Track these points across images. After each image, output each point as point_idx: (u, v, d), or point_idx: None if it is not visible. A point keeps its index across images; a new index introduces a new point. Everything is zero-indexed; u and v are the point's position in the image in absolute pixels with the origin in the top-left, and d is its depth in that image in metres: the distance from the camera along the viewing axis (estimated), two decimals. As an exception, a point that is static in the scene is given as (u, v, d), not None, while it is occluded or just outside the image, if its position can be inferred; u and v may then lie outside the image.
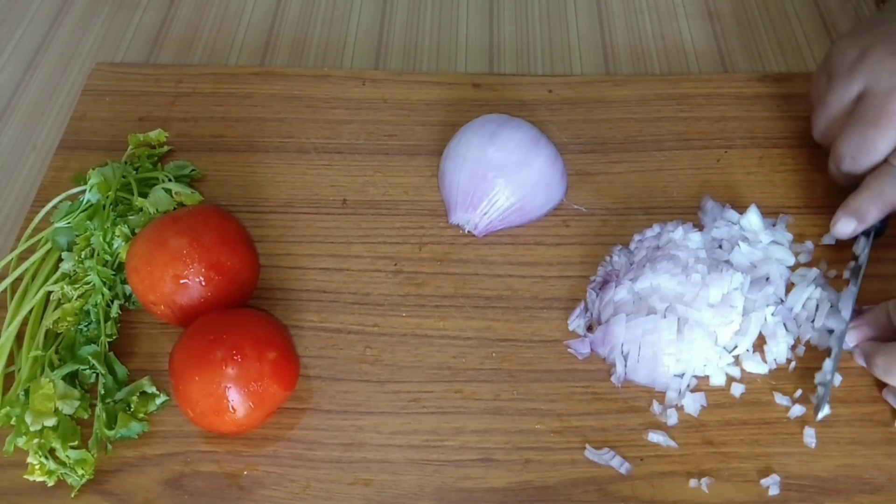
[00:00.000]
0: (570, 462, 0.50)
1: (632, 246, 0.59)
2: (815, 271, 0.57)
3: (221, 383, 0.48)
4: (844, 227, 0.55)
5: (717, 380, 0.53)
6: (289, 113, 0.68)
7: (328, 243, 0.61)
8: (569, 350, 0.55)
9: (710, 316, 0.52)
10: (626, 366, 0.53)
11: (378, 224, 0.61)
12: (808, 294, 0.56)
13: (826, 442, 0.51)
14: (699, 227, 0.59)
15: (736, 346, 0.54)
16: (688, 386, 0.53)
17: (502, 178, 0.58)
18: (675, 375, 0.53)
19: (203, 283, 0.52)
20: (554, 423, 0.52)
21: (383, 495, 0.50)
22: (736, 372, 0.54)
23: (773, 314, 0.54)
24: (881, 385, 0.52)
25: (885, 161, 0.55)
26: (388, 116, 0.68)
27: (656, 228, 0.58)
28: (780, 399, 0.52)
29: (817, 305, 0.55)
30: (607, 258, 0.59)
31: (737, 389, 0.53)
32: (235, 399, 0.48)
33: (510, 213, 0.59)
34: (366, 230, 0.61)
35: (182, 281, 0.52)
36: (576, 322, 0.56)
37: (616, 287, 0.55)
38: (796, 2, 0.79)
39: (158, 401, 0.53)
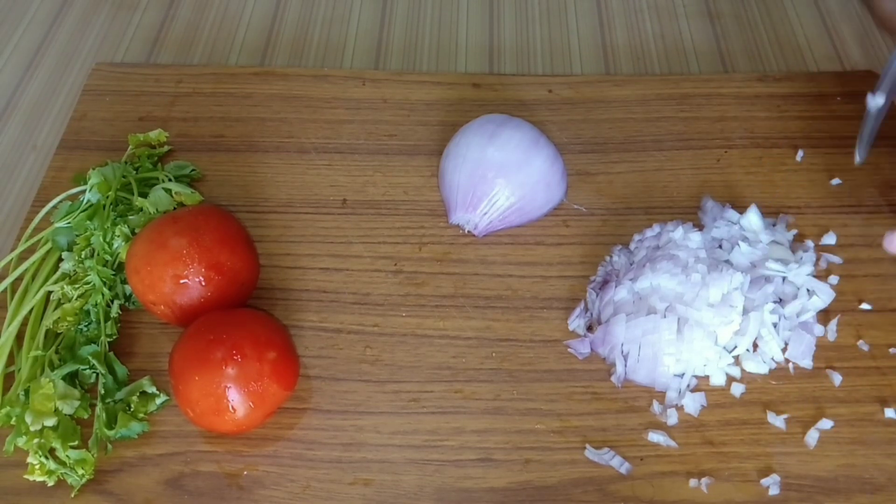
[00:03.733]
0: (570, 462, 0.50)
1: (632, 246, 0.59)
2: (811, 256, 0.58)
3: (221, 383, 0.48)
4: None
5: (717, 380, 0.53)
6: (289, 113, 0.68)
7: (328, 243, 0.61)
8: (569, 350, 0.55)
9: (710, 316, 0.52)
10: (626, 366, 0.53)
11: (378, 224, 0.61)
12: (806, 271, 0.56)
13: (826, 442, 0.51)
14: (699, 226, 0.59)
15: (736, 346, 0.54)
16: (688, 386, 0.53)
17: (502, 178, 0.58)
18: (675, 375, 0.53)
19: (203, 283, 0.52)
20: (554, 423, 0.52)
21: (383, 495, 0.50)
22: (736, 372, 0.54)
23: (770, 311, 0.54)
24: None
25: None
26: (388, 116, 0.68)
27: (656, 228, 0.58)
28: (773, 419, 0.52)
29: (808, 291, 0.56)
30: (607, 258, 0.59)
31: (737, 389, 0.53)
32: (235, 399, 0.48)
33: (510, 213, 0.59)
34: (366, 230, 0.61)
35: (182, 281, 0.52)
36: (576, 322, 0.56)
37: (616, 287, 0.55)
38: (796, 2, 0.79)
39: (158, 401, 0.53)
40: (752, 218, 0.58)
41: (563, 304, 0.57)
